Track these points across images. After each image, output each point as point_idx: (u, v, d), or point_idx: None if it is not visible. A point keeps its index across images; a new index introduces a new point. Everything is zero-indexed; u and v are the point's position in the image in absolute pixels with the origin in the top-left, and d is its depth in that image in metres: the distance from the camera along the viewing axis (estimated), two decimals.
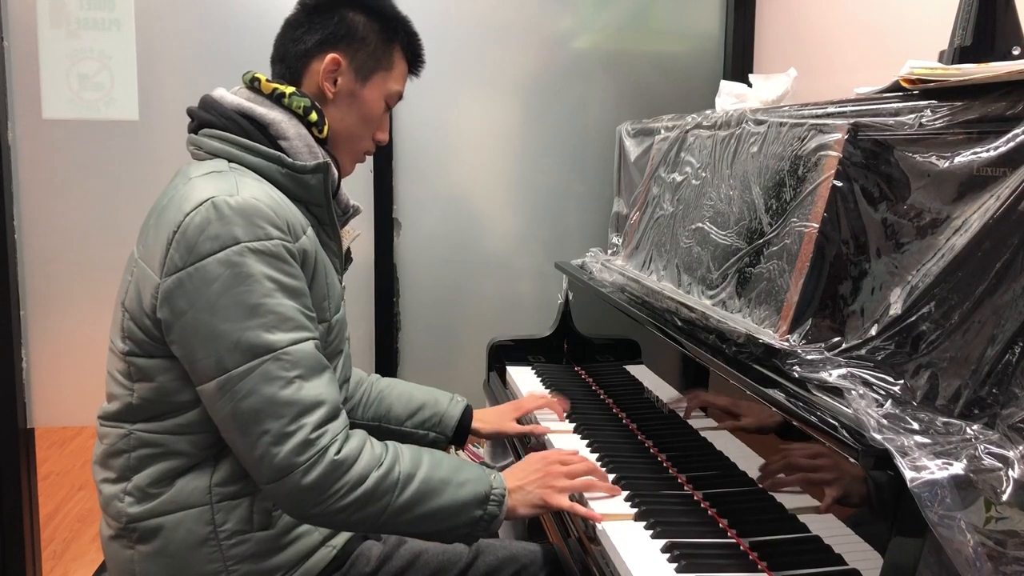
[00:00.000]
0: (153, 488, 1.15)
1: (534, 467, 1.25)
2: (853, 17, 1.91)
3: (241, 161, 1.18)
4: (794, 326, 1.07)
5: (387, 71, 1.31)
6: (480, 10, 2.25)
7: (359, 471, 1.09)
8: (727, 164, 1.43)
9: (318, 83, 1.27)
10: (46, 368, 2.12)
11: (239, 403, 1.06)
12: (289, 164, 1.18)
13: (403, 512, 1.12)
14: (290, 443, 1.05)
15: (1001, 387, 0.84)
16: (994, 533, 0.76)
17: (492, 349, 2.04)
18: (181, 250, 1.07)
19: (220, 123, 1.20)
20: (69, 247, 2.10)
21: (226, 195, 1.09)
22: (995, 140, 0.86)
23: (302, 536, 1.21)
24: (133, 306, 1.14)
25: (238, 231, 1.07)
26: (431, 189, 2.28)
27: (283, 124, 1.21)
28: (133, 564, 1.17)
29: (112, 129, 2.09)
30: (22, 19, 2.02)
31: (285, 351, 1.07)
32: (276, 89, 1.24)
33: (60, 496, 3.24)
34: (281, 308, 1.08)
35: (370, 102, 1.30)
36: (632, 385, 1.62)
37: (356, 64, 1.28)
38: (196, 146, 1.23)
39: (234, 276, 1.06)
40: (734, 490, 1.17)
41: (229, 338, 1.06)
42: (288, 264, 1.11)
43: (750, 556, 1.06)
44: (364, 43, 1.28)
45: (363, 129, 1.32)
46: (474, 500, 1.16)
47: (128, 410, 1.16)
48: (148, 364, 1.13)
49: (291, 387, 1.07)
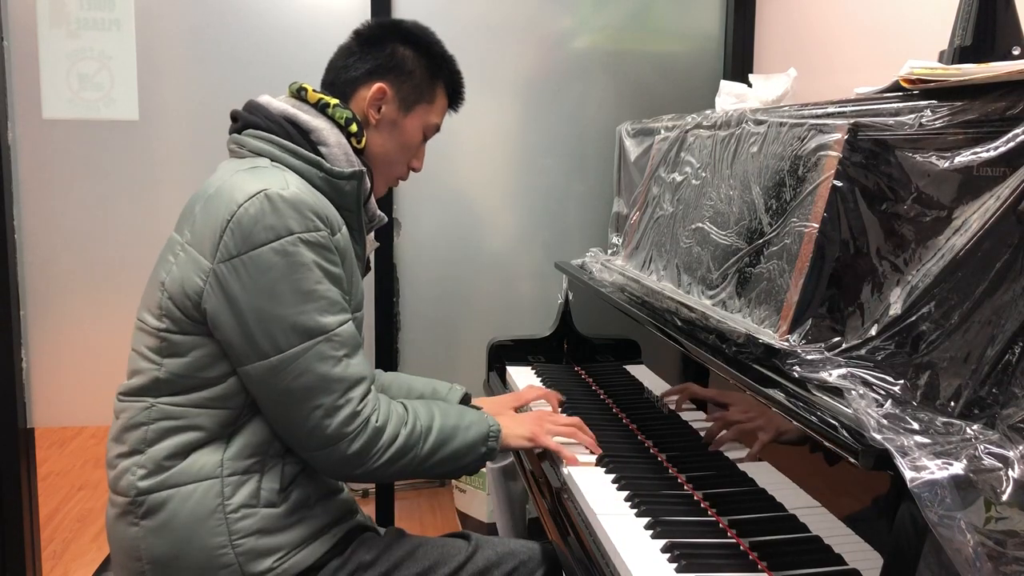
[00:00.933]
0: (167, 461, 1.20)
1: (527, 415, 1.47)
2: (853, 17, 1.91)
3: (282, 161, 1.25)
4: (794, 326, 1.07)
5: (429, 104, 1.41)
6: (480, 10, 2.25)
7: (391, 432, 1.23)
8: (727, 164, 1.43)
9: (363, 109, 1.36)
10: (46, 368, 2.12)
11: (294, 380, 1.16)
12: (327, 169, 1.26)
13: (428, 459, 1.27)
14: (341, 415, 1.18)
15: (1001, 387, 0.84)
16: (994, 533, 0.76)
17: (492, 349, 2.05)
18: (236, 238, 1.15)
19: (265, 125, 1.29)
20: (69, 247, 2.10)
21: (278, 188, 1.17)
22: (995, 140, 0.86)
23: (306, 519, 1.25)
24: (175, 287, 1.20)
25: (292, 223, 1.16)
26: (431, 189, 2.28)
27: (325, 132, 1.29)
28: (137, 541, 1.20)
29: (112, 129, 2.09)
30: (22, 19, 2.02)
31: (336, 332, 1.18)
32: (322, 99, 1.33)
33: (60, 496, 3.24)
34: (330, 293, 1.19)
35: (410, 131, 1.40)
36: (632, 385, 1.62)
37: (401, 95, 1.37)
38: (238, 144, 1.30)
39: (289, 264, 1.15)
40: (734, 490, 1.17)
41: (286, 321, 1.15)
42: (332, 253, 1.20)
43: (750, 556, 1.06)
44: (410, 76, 1.38)
45: (400, 156, 1.41)
46: (479, 439, 1.31)
47: (154, 384, 1.21)
48: (183, 340, 1.20)
49: (340, 365, 1.18)
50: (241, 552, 1.18)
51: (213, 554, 1.18)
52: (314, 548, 1.25)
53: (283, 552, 1.21)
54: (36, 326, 2.10)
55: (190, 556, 1.18)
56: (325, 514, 1.28)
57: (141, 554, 1.20)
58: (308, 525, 1.25)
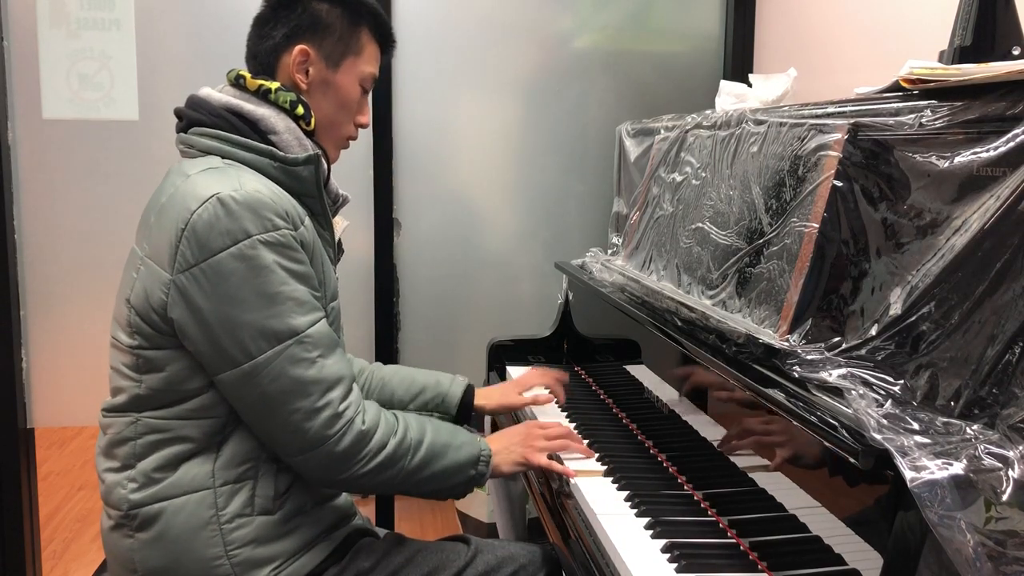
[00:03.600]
0: (157, 473, 1.17)
1: (516, 432, 1.39)
2: (853, 17, 1.91)
3: (234, 157, 1.20)
4: (794, 326, 1.07)
5: (356, 55, 1.33)
6: (480, 10, 2.25)
7: (379, 439, 1.19)
8: (727, 164, 1.43)
9: (290, 75, 1.29)
10: (46, 368, 2.12)
11: (268, 387, 1.12)
12: (281, 158, 1.21)
13: (415, 473, 1.23)
14: (320, 417, 1.14)
15: (1001, 387, 0.84)
16: (994, 533, 0.75)
17: (492, 349, 2.05)
18: (192, 247, 1.11)
19: (210, 121, 1.23)
20: (69, 247, 2.10)
21: (231, 190, 1.12)
22: (995, 140, 0.86)
23: (302, 526, 1.23)
24: (140, 302, 1.16)
25: (248, 225, 1.11)
26: (431, 189, 2.28)
27: (272, 119, 1.23)
28: (132, 553, 1.18)
29: (112, 129, 2.09)
30: (22, 19, 2.02)
31: (307, 334, 1.14)
32: (262, 86, 1.26)
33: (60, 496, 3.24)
34: (297, 293, 1.14)
35: (345, 87, 1.32)
36: (632, 385, 1.62)
37: (325, 52, 1.30)
38: (187, 145, 1.25)
39: (250, 268, 1.11)
40: (734, 490, 1.17)
41: (254, 327, 1.11)
42: (295, 251, 1.15)
43: (750, 556, 1.06)
44: (330, 30, 1.30)
45: (342, 115, 1.34)
46: (469, 461, 1.28)
47: (136, 400, 1.18)
48: (157, 355, 1.17)
49: (315, 367, 1.14)
50: (237, 563, 1.16)
51: (209, 565, 1.16)
52: (312, 555, 1.23)
53: (280, 560, 1.19)
54: (36, 326, 2.10)
55: (186, 568, 1.16)
56: (322, 519, 1.26)
57: (136, 566, 1.18)
58: (305, 531, 1.23)
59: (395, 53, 2.18)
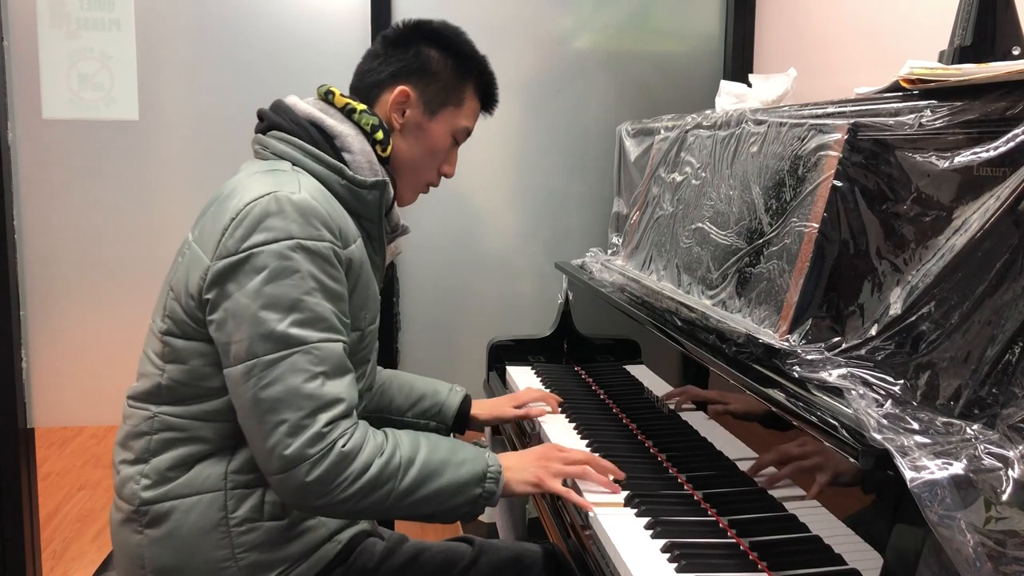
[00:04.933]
0: (171, 472, 1.18)
1: (532, 451, 1.29)
2: (853, 17, 1.91)
3: (304, 166, 1.22)
4: (794, 326, 1.07)
5: (457, 107, 1.35)
6: (480, 10, 2.25)
7: (363, 461, 1.12)
8: (727, 164, 1.43)
9: (387, 113, 1.32)
10: (46, 368, 2.12)
11: (262, 390, 1.09)
12: (349, 177, 1.23)
13: (406, 496, 1.15)
14: (304, 435, 1.08)
15: (1001, 387, 0.84)
16: (994, 533, 0.75)
17: (492, 349, 2.04)
18: (236, 236, 1.12)
19: (289, 127, 1.25)
20: (69, 247, 2.10)
21: (288, 191, 1.13)
22: (995, 140, 0.86)
23: (310, 530, 1.23)
24: (179, 286, 1.18)
25: (294, 227, 1.12)
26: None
27: (350, 138, 1.26)
28: (141, 549, 1.19)
29: (112, 129, 2.09)
30: (22, 19, 2.02)
31: (316, 346, 1.11)
32: (348, 104, 1.29)
33: (60, 496, 3.24)
34: (319, 308, 1.12)
35: (436, 136, 1.35)
36: (632, 385, 1.62)
37: (426, 98, 1.32)
38: (262, 145, 1.27)
39: (282, 268, 1.10)
40: (734, 490, 1.17)
41: (265, 326, 1.09)
42: (334, 267, 1.15)
43: (750, 556, 1.06)
44: (436, 78, 1.33)
45: (428, 161, 1.36)
46: (472, 479, 1.19)
47: (156, 391, 1.19)
48: (184, 346, 1.17)
49: (315, 382, 1.10)
50: (244, 566, 1.17)
51: (216, 567, 1.17)
52: (317, 558, 1.23)
53: (286, 565, 1.20)
54: (36, 326, 2.10)
55: (193, 568, 1.17)
56: (329, 524, 1.26)
57: (145, 563, 1.19)
58: (311, 536, 1.23)
59: None
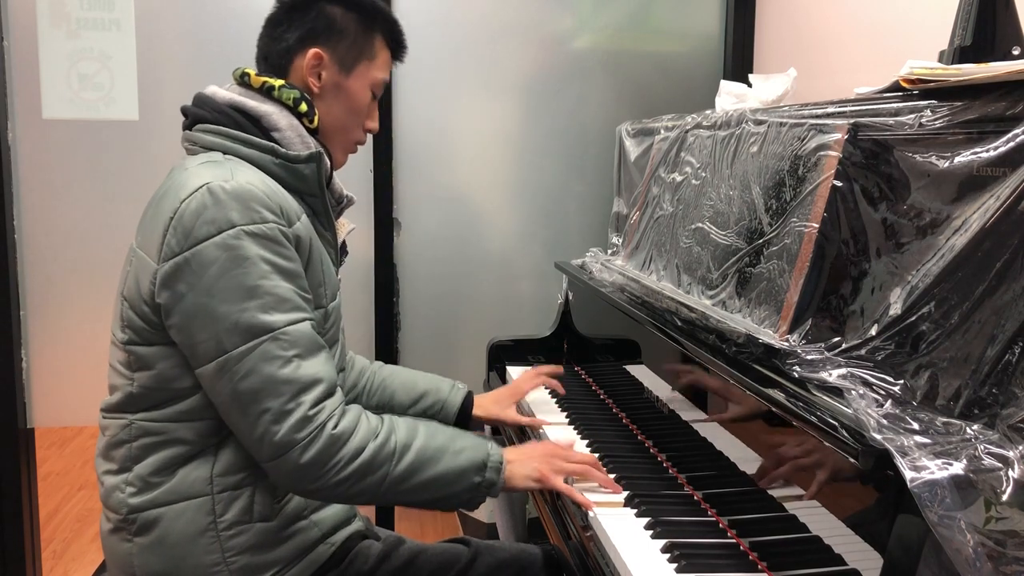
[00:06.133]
0: (155, 477, 1.17)
1: (535, 446, 1.30)
2: (853, 17, 1.91)
3: (235, 153, 1.20)
4: (794, 326, 1.07)
5: (370, 60, 1.32)
6: (480, 10, 2.25)
7: (356, 443, 1.12)
8: (727, 164, 1.43)
9: (303, 78, 1.28)
10: (46, 368, 2.12)
11: (239, 383, 1.08)
12: (282, 154, 1.20)
13: (402, 481, 1.15)
14: (289, 420, 1.08)
15: (1001, 387, 0.84)
16: (994, 533, 0.75)
17: (492, 349, 2.04)
18: (178, 235, 1.10)
19: (213, 117, 1.23)
20: (69, 247, 2.10)
21: (221, 181, 1.11)
22: (995, 140, 0.86)
23: (302, 531, 1.22)
24: (132, 295, 1.16)
25: (234, 215, 1.09)
26: (431, 189, 2.28)
27: (275, 116, 1.23)
28: (132, 557, 1.18)
29: (112, 129, 2.09)
30: (22, 19, 2.02)
31: (283, 331, 1.10)
32: (266, 82, 1.25)
33: (60, 496, 3.24)
34: (278, 290, 1.11)
35: (356, 92, 1.31)
36: (632, 385, 1.62)
37: (338, 56, 1.29)
38: (191, 142, 1.25)
39: (231, 259, 1.09)
40: (734, 490, 1.17)
41: (228, 320, 1.08)
42: (283, 247, 1.13)
43: (750, 556, 1.06)
44: (344, 35, 1.29)
45: (352, 120, 1.33)
46: (472, 466, 1.19)
47: (129, 399, 1.18)
48: (148, 352, 1.16)
49: (289, 366, 1.09)
50: (236, 569, 1.16)
51: (207, 572, 1.16)
52: (311, 560, 1.23)
53: (279, 567, 1.19)
54: (36, 326, 2.10)
55: (184, 574, 1.16)
56: (321, 525, 1.25)
57: (135, 570, 1.18)
58: (304, 537, 1.23)
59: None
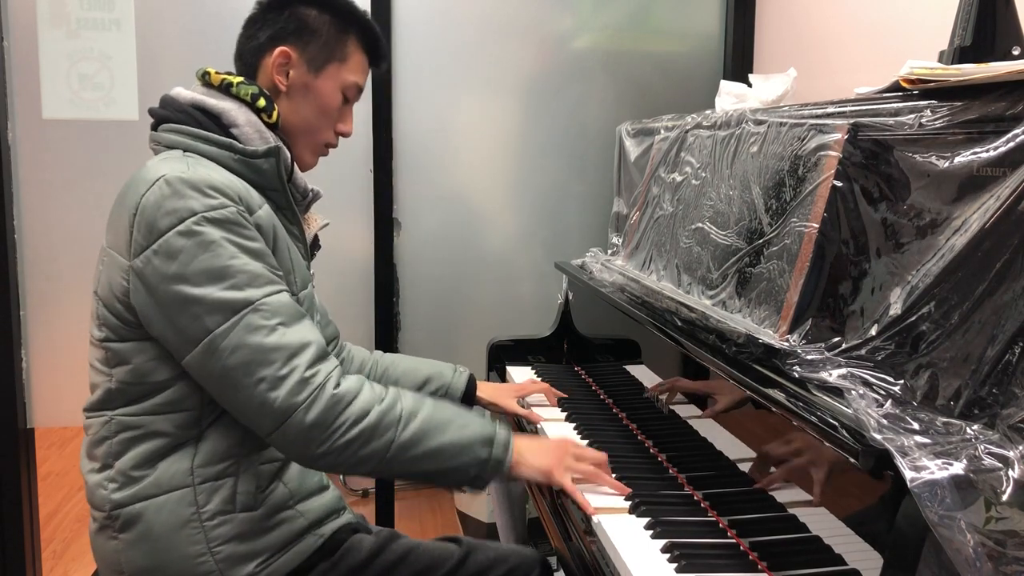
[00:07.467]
0: (136, 471, 1.18)
1: (547, 441, 1.32)
2: (853, 17, 1.91)
3: (195, 150, 1.21)
4: (794, 326, 1.07)
5: (342, 63, 1.32)
6: (480, 10, 2.25)
7: (360, 405, 1.13)
8: (727, 164, 1.43)
9: (270, 77, 1.29)
10: (46, 368, 2.12)
11: (228, 359, 1.09)
12: (240, 150, 1.21)
13: (409, 447, 1.15)
14: (286, 385, 1.09)
15: (1001, 387, 0.84)
16: (994, 533, 0.75)
17: (492, 349, 2.04)
18: (143, 230, 1.11)
19: (176, 117, 1.24)
20: (69, 247, 2.10)
21: (178, 172, 1.13)
22: (995, 140, 0.86)
23: (287, 520, 1.23)
24: (105, 293, 1.17)
25: (193, 203, 1.11)
26: (431, 189, 2.28)
27: (232, 112, 1.24)
28: (118, 555, 1.19)
29: (112, 129, 2.09)
30: (22, 19, 2.02)
31: (263, 302, 1.11)
32: (224, 79, 1.27)
33: (60, 496, 3.24)
34: (249, 267, 1.12)
35: (325, 93, 1.31)
36: (632, 385, 1.62)
37: (307, 56, 1.30)
38: (155, 142, 1.26)
39: (197, 244, 1.10)
40: (734, 490, 1.17)
41: (205, 301, 1.10)
42: (246, 228, 1.14)
43: (750, 556, 1.06)
44: (315, 35, 1.30)
45: (321, 121, 1.33)
46: (478, 439, 1.19)
47: (108, 396, 1.19)
48: (123, 348, 1.17)
49: (275, 334, 1.11)
50: (221, 559, 1.17)
51: (192, 563, 1.17)
52: (299, 550, 1.23)
53: (266, 556, 1.20)
54: (36, 326, 2.10)
55: (170, 567, 1.17)
56: (308, 515, 1.26)
57: (123, 567, 1.18)
58: (291, 527, 1.23)
59: (395, 53, 2.19)
